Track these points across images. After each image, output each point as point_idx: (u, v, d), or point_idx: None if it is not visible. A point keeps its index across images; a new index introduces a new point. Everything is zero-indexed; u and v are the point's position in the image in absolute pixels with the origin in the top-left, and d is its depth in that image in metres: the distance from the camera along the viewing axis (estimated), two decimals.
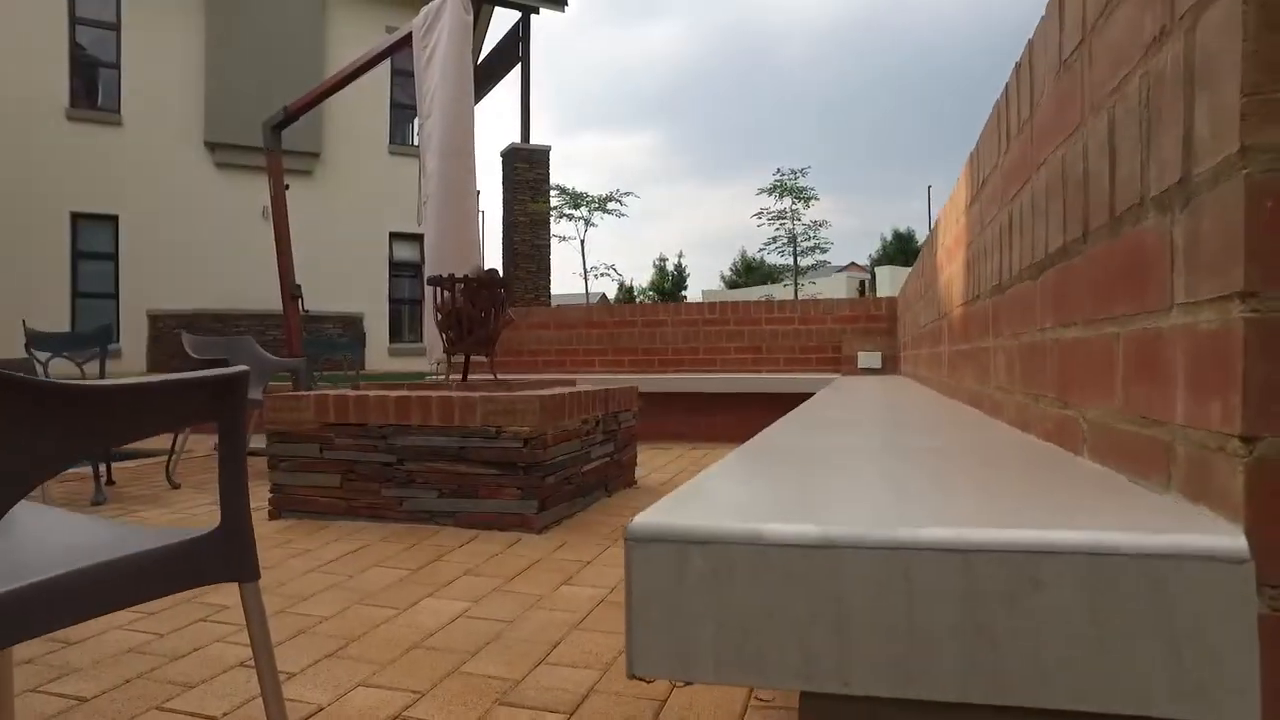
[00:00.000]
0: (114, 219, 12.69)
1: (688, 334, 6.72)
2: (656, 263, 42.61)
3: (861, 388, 3.65)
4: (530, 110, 15.64)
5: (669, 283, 41.55)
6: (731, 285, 36.70)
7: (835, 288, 21.54)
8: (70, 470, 5.00)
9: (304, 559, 2.88)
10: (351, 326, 14.31)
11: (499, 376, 4.28)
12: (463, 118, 5.38)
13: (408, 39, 5.89)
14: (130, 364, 12.36)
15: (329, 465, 3.44)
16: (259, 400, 5.04)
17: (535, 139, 15.61)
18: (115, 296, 12.74)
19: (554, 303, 16.58)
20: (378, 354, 14.53)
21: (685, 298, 41.60)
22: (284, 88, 13.10)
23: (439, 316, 3.86)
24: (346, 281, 13.89)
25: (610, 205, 19.34)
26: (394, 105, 15.06)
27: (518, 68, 15.86)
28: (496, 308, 3.87)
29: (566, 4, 16.14)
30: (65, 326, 12.29)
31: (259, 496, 4.09)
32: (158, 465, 5.43)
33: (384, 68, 12.63)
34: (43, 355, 4.36)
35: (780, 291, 20.15)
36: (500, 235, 15.52)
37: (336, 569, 2.75)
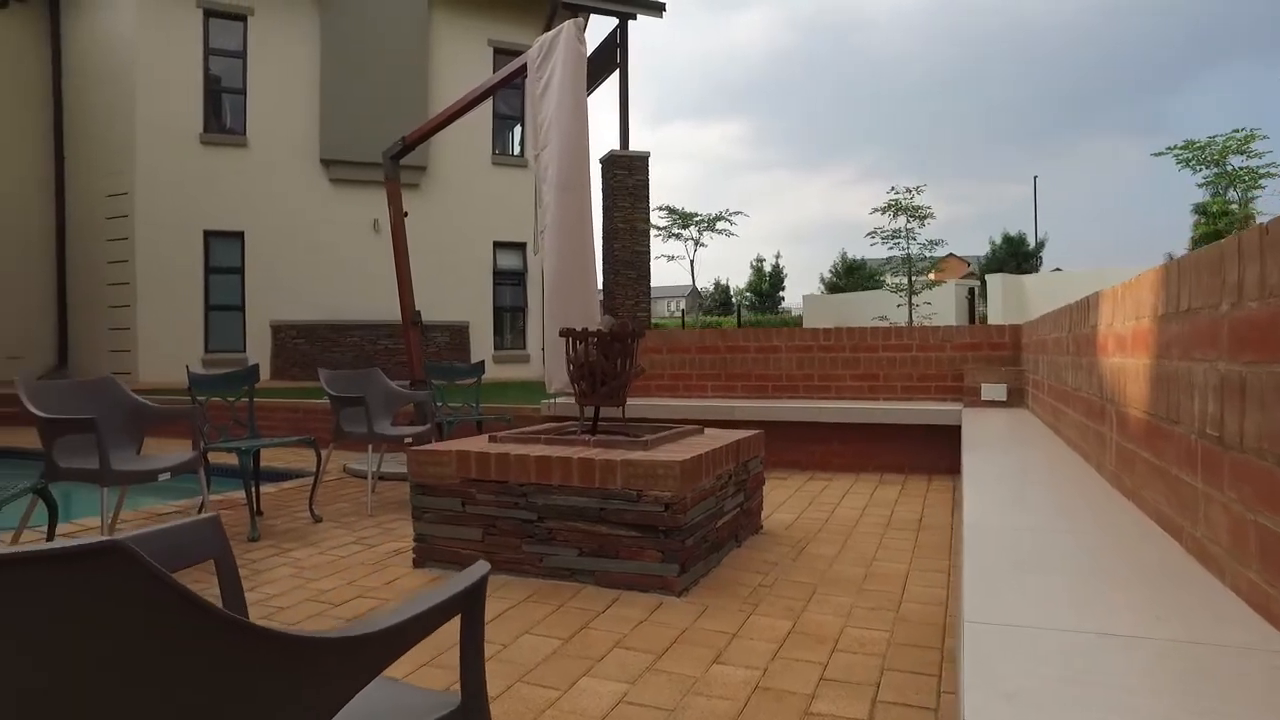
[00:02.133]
0: (240, 235, 13.43)
1: (802, 360, 6.64)
2: (754, 264, 41.79)
3: (1009, 453, 3.54)
4: (629, 116, 15.73)
5: (766, 284, 40.84)
6: (832, 289, 35.30)
7: (945, 299, 20.69)
8: (223, 494, 5.34)
9: (454, 621, 2.99)
10: (459, 335, 14.73)
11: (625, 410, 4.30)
12: (580, 152, 5.43)
13: (522, 69, 5.98)
14: None
15: (470, 519, 3.55)
16: (389, 435, 5.26)
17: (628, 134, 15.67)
18: (241, 309, 13.50)
19: (653, 297, 16.68)
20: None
21: (783, 299, 40.83)
22: (392, 105, 13.64)
23: (571, 368, 3.93)
24: (453, 291, 14.29)
25: (719, 225, 19.24)
26: (496, 116, 15.37)
27: (614, 72, 15.99)
28: (628, 358, 3.92)
29: (664, 8, 16.11)
30: (200, 337, 13.13)
31: (400, 534, 4.28)
32: (295, 490, 5.73)
33: (485, 77, 12.97)
34: (201, 395, 4.68)
35: (887, 302, 19.27)
36: (600, 243, 15.69)
37: (489, 635, 2.84)
